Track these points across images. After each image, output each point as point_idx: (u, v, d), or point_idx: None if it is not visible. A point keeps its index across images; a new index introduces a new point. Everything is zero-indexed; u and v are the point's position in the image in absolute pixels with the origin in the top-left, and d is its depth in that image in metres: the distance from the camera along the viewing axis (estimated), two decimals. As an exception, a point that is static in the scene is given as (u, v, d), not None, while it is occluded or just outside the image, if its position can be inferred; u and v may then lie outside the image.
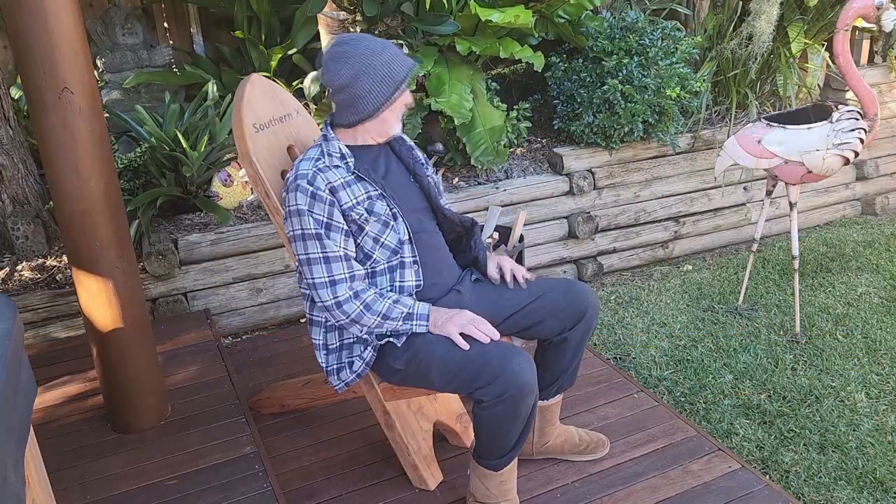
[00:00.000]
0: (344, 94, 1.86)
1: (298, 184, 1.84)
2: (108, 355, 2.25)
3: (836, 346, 3.12)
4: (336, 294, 1.84)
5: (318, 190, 1.83)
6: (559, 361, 2.08)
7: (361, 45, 1.84)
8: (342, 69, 1.84)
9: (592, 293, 2.05)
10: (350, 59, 1.83)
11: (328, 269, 1.84)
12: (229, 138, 3.37)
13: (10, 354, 1.13)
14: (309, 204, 1.82)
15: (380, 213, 1.88)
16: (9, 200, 3.24)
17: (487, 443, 1.86)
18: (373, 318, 1.85)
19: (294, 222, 1.85)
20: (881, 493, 2.31)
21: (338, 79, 1.85)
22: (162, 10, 4.05)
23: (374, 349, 1.93)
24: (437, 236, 2.05)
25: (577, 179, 3.77)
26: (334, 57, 1.85)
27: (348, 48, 1.84)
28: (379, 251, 1.90)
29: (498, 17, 3.21)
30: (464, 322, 1.84)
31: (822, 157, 2.99)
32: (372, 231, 1.88)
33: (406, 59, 1.88)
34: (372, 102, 1.86)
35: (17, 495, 1.05)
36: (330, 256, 1.84)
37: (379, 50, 1.84)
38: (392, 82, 1.85)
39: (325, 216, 1.83)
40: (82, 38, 2.02)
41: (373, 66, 1.83)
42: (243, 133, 2.02)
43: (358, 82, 1.83)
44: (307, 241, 1.84)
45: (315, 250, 1.84)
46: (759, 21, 3.85)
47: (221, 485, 2.05)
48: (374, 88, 1.84)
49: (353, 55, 1.83)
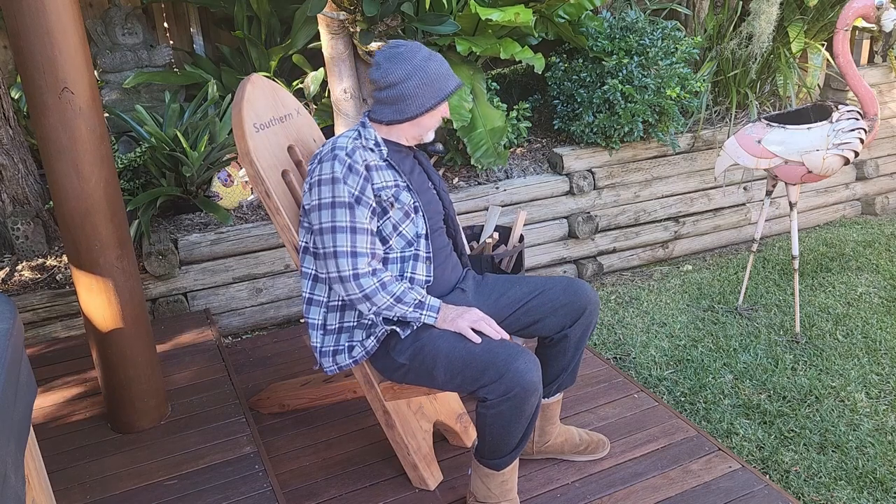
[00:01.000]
0: (391, 92, 1.91)
1: (336, 154, 1.86)
2: (108, 355, 2.25)
3: (836, 346, 3.12)
4: (356, 266, 1.84)
5: (356, 163, 1.86)
6: (560, 359, 2.08)
7: (420, 52, 1.91)
8: (397, 68, 1.89)
9: (592, 290, 2.05)
10: (406, 61, 1.89)
11: (353, 240, 1.84)
12: (229, 138, 3.37)
13: (10, 354, 1.13)
14: (345, 174, 1.84)
15: (404, 202, 1.91)
16: (9, 200, 3.24)
17: (490, 442, 1.87)
18: (386, 298, 1.85)
19: (324, 190, 1.85)
20: (881, 493, 2.31)
21: (390, 76, 1.89)
22: (162, 10, 4.05)
23: (378, 339, 1.93)
24: (447, 241, 2.09)
25: (577, 179, 3.77)
26: (390, 56, 1.91)
27: (406, 51, 1.90)
28: (396, 239, 1.92)
29: (498, 15, 3.21)
30: (475, 319, 1.86)
31: (822, 157, 2.99)
32: (394, 217, 1.91)
33: (455, 77, 1.96)
34: (417, 105, 1.91)
35: (17, 495, 1.05)
36: (357, 227, 1.85)
37: (434, 60, 1.92)
38: (439, 92, 1.92)
39: (357, 189, 1.85)
40: (82, 38, 2.02)
41: (427, 72, 1.89)
42: (243, 133, 2.02)
43: (409, 83, 1.89)
44: (336, 209, 1.84)
45: (343, 219, 1.84)
46: (759, 21, 3.85)
47: (221, 485, 2.05)
48: (422, 93, 1.90)
49: (410, 58, 1.89)
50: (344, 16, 3.19)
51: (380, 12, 3.10)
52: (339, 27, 3.23)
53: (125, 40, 3.82)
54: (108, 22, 3.80)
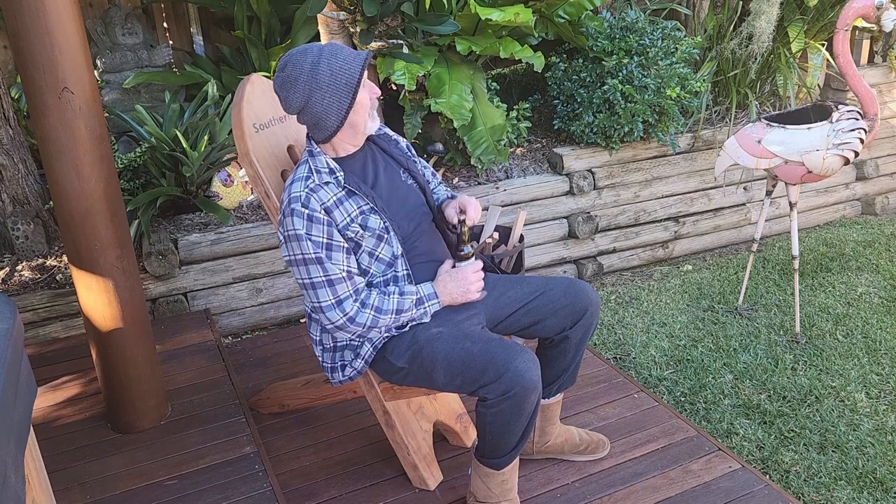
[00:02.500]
0: (306, 117, 1.83)
1: (293, 208, 1.80)
2: (108, 355, 2.25)
3: (836, 346, 3.12)
4: (345, 311, 1.83)
5: (314, 212, 1.79)
6: (560, 360, 2.08)
7: (304, 63, 1.77)
8: (293, 95, 1.79)
9: (593, 291, 2.05)
10: (297, 82, 1.77)
11: (333, 292, 1.82)
12: (229, 138, 3.37)
13: (10, 354, 1.13)
14: (306, 227, 1.79)
15: (374, 227, 1.86)
16: (9, 200, 3.24)
17: (491, 441, 1.87)
18: (387, 317, 1.85)
19: (293, 247, 1.82)
20: (881, 493, 2.31)
21: (293, 104, 1.81)
22: (161, 9, 4.05)
23: (375, 347, 1.94)
24: (435, 235, 2.05)
25: (577, 179, 3.77)
26: (282, 84, 1.80)
27: (292, 71, 1.78)
28: (375, 265, 1.90)
29: (498, 15, 3.21)
30: (472, 290, 1.92)
31: (822, 157, 2.99)
32: (368, 246, 1.87)
33: (354, 56, 1.79)
34: (334, 116, 1.81)
35: (17, 495, 1.05)
36: (333, 279, 1.82)
37: (322, 61, 1.77)
38: (346, 88, 1.78)
39: (324, 237, 1.80)
40: (82, 38, 2.02)
41: (320, 80, 1.76)
42: (243, 133, 2.02)
43: (312, 102, 1.79)
44: (308, 266, 1.81)
45: (318, 274, 1.81)
46: (759, 21, 3.85)
47: (221, 485, 2.05)
48: (330, 102, 1.79)
49: (299, 77, 1.77)
50: (344, 16, 3.19)
51: (380, 12, 3.10)
52: (339, 27, 3.23)
53: (125, 40, 3.82)
54: (108, 22, 3.80)
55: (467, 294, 1.92)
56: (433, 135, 3.68)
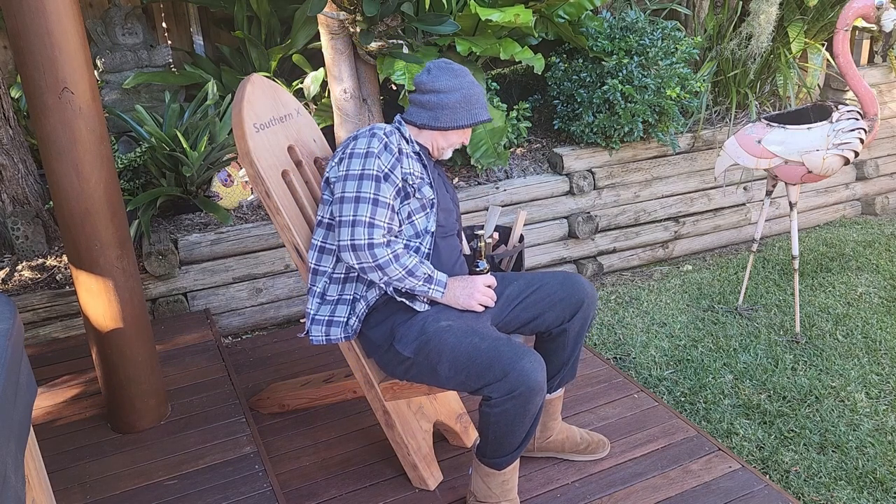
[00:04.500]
0: (433, 98, 1.99)
1: (375, 132, 1.94)
2: (108, 355, 2.25)
3: (836, 346, 3.12)
4: (372, 236, 1.86)
5: (391, 144, 1.93)
6: (560, 354, 2.09)
7: (469, 76, 2.02)
8: (446, 78, 1.99)
9: (589, 284, 2.08)
10: (456, 76, 1.99)
11: (373, 211, 1.87)
12: (229, 138, 3.37)
13: (10, 354, 1.13)
14: (379, 150, 1.91)
15: (425, 194, 1.97)
16: (9, 200, 3.24)
17: (493, 441, 1.87)
18: (398, 269, 1.88)
19: (354, 163, 1.90)
20: (881, 493, 2.31)
21: (437, 83, 1.98)
22: (160, 9, 4.05)
23: (368, 304, 1.96)
24: (457, 242, 2.13)
25: (577, 179, 3.77)
26: (442, 66, 2.01)
27: (458, 69, 2.02)
28: (406, 226, 1.97)
29: (498, 16, 3.21)
30: (480, 299, 1.97)
31: (822, 157, 2.99)
32: (411, 205, 1.96)
33: (486, 109, 2.06)
34: (452, 119, 2.00)
35: (17, 495, 1.05)
36: (380, 200, 1.88)
37: (477, 87, 2.03)
38: (474, 115, 2.02)
39: (388, 166, 1.91)
40: (82, 38, 2.02)
41: (470, 93, 2.00)
42: (243, 133, 2.02)
43: (452, 95, 1.98)
44: (363, 181, 1.88)
45: (368, 190, 1.87)
46: (758, 21, 3.85)
47: (221, 485, 2.05)
48: (460, 109, 1.99)
49: (460, 76, 2.00)
50: (344, 16, 3.19)
51: (380, 12, 3.10)
52: (339, 27, 3.23)
53: (125, 40, 3.82)
54: (108, 22, 3.80)
55: (470, 301, 1.97)
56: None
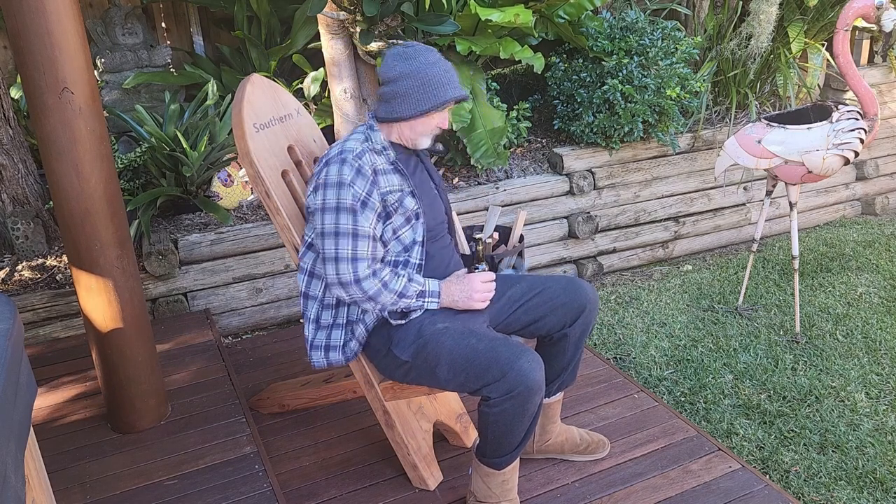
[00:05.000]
0: (387, 88, 1.91)
1: (345, 157, 1.86)
2: (108, 355, 2.25)
3: (836, 346, 3.12)
4: (357, 270, 1.85)
5: (364, 167, 1.86)
6: (560, 358, 2.09)
7: (425, 56, 1.89)
8: (396, 65, 1.89)
9: (592, 289, 2.06)
10: (407, 61, 1.88)
11: (354, 245, 1.85)
12: (229, 138, 3.37)
13: (10, 354, 1.13)
14: (352, 177, 1.84)
15: (408, 207, 1.92)
16: (9, 200, 3.24)
17: (492, 441, 1.87)
18: (390, 296, 1.87)
19: (329, 193, 1.85)
20: (881, 493, 2.31)
21: (389, 72, 1.90)
22: (160, 9, 4.05)
23: (367, 329, 1.95)
24: (448, 241, 2.10)
25: (577, 179, 3.77)
26: (396, 53, 1.91)
27: (412, 51, 1.90)
28: (393, 243, 1.94)
29: (498, 16, 3.21)
30: (477, 296, 1.94)
31: (822, 157, 2.99)
32: (395, 223, 1.92)
33: (458, 88, 1.92)
34: (407, 107, 1.89)
35: (17, 495, 1.05)
36: (359, 233, 1.85)
37: (437, 66, 1.89)
38: (434, 98, 1.88)
39: (364, 192, 1.85)
40: (82, 38, 2.02)
41: (424, 76, 1.87)
42: (243, 133, 2.02)
43: (403, 82, 1.88)
44: (340, 213, 1.84)
45: (346, 223, 1.84)
46: (758, 21, 3.85)
47: (221, 485, 2.05)
48: (415, 95, 1.88)
49: (412, 59, 1.88)
50: (344, 16, 3.19)
51: (380, 12, 3.10)
52: (339, 27, 3.23)
53: (125, 40, 3.82)
54: (108, 22, 3.80)
55: (470, 301, 1.95)
56: (433, 135, 3.67)
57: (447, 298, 1.94)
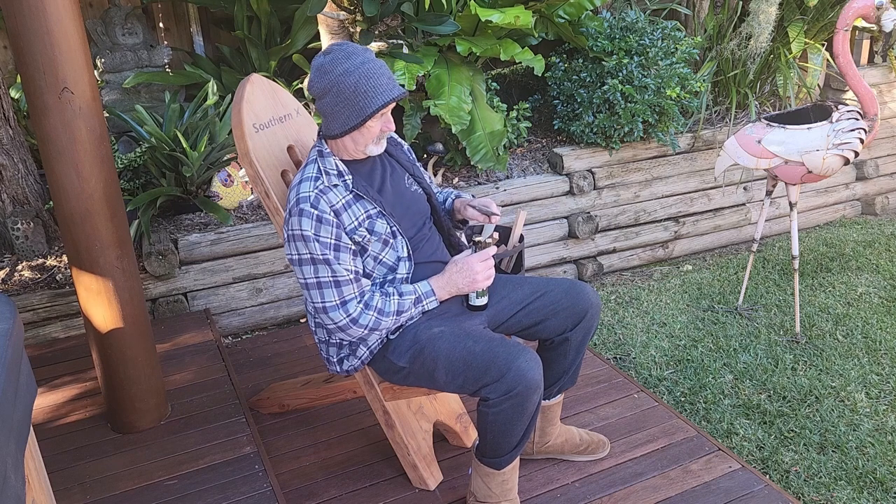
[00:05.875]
0: (318, 105, 1.85)
1: (302, 208, 1.79)
2: (108, 355, 2.25)
3: (836, 346, 3.12)
4: (348, 312, 1.83)
5: (324, 213, 1.79)
6: (561, 362, 2.08)
7: (341, 65, 1.77)
8: (316, 80, 1.81)
9: (594, 293, 2.05)
10: (325, 75, 1.79)
11: (339, 292, 1.82)
12: (229, 138, 3.37)
13: (10, 354, 1.13)
14: (315, 228, 1.78)
15: (380, 231, 1.87)
16: (9, 200, 3.24)
17: (492, 441, 1.87)
18: (389, 319, 1.86)
19: (299, 247, 1.81)
20: (881, 493, 2.31)
21: (312, 89, 1.84)
22: (159, 9, 4.05)
23: (371, 351, 1.96)
24: (436, 238, 2.07)
25: (577, 179, 3.77)
26: (315, 66, 1.82)
27: (328, 63, 1.79)
28: (378, 269, 1.91)
29: (498, 17, 3.21)
30: (481, 278, 1.90)
31: (822, 157, 2.99)
32: (373, 251, 1.88)
33: (386, 87, 1.78)
34: (337, 124, 1.83)
35: (17, 495, 1.05)
36: (340, 280, 1.81)
37: (354, 74, 1.76)
38: (359, 112, 1.78)
39: (332, 238, 1.80)
40: (82, 38, 2.02)
41: (343, 89, 1.77)
42: (243, 133, 2.02)
43: (325, 100, 1.81)
44: (316, 266, 1.81)
45: (325, 275, 1.81)
46: (758, 21, 3.85)
47: (221, 485, 2.05)
48: (340, 111, 1.80)
49: (329, 72, 1.78)
50: (344, 16, 3.19)
51: (380, 12, 3.10)
52: (339, 27, 3.23)
53: (125, 40, 3.82)
54: (108, 22, 3.80)
55: (474, 284, 1.91)
56: (433, 135, 3.69)
57: (447, 290, 1.91)
